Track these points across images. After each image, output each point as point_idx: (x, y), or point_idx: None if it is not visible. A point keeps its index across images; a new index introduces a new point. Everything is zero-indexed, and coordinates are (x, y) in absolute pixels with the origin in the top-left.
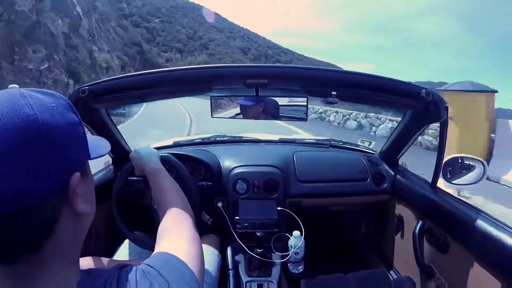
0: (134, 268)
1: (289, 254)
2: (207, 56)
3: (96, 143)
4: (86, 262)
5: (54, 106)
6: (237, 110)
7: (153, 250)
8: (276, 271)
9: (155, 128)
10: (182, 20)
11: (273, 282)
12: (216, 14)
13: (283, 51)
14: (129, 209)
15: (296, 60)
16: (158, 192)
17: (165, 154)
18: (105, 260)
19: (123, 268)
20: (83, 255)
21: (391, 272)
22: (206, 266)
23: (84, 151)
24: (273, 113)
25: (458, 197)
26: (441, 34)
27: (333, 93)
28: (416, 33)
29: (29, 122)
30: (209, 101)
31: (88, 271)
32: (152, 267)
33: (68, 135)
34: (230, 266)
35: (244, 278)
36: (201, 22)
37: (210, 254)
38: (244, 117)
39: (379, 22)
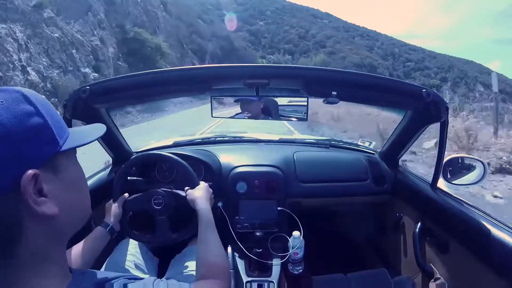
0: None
1: (288, 254)
2: (326, 55)
3: (84, 131)
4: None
5: (2, 101)
6: (237, 110)
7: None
8: (276, 271)
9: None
10: (290, 20)
11: (273, 282)
12: (327, 13)
13: (412, 48)
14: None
15: (429, 57)
16: (203, 247)
17: (168, 155)
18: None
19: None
20: None
21: (391, 272)
22: None
23: (47, 144)
24: (273, 113)
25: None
26: None
27: (333, 93)
28: None
29: None
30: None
31: (82, 272)
32: None
33: (18, 128)
34: (230, 266)
35: (244, 278)
36: (312, 22)
37: None
38: (243, 117)
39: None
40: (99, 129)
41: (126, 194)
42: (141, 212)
